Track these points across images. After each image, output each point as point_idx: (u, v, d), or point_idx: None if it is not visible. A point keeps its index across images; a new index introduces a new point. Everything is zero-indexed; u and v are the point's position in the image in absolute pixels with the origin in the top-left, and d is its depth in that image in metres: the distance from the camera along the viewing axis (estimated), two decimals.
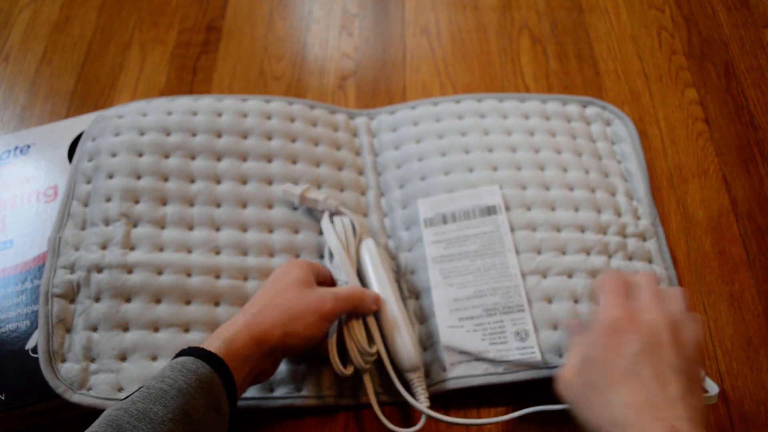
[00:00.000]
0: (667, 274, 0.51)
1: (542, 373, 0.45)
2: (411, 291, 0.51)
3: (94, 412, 0.47)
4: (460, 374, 0.46)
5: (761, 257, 0.53)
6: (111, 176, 0.52)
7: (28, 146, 0.56)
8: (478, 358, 0.46)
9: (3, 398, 0.43)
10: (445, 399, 0.47)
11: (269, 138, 0.56)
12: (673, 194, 0.57)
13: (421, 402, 0.44)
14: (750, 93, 0.62)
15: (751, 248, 0.54)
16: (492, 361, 0.46)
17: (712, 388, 0.45)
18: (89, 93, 0.63)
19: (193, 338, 0.47)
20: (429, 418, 0.44)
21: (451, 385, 0.46)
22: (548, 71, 0.65)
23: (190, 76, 0.65)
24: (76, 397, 0.43)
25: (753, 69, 0.64)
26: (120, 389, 0.44)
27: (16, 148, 0.56)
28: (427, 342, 0.48)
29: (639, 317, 0.38)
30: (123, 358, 0.45)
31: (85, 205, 0.52)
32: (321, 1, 0.71)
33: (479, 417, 0.47)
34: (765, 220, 0.55)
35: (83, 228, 0.50)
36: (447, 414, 0.44)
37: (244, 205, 0.53)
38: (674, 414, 0.34)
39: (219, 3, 0.70)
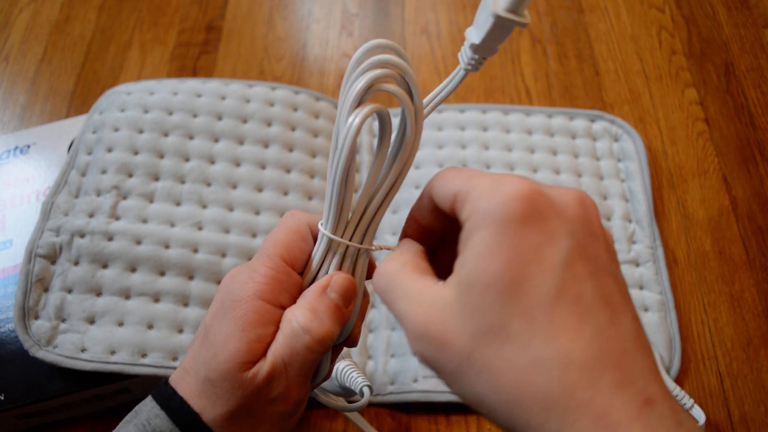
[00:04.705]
0: (661, 299, 0.50)
1: None
2: None
3: (93, 414, 0.48)
4: (429, 388, 0.47)
5: (761, 257, 0.53)
6: (110, 150, 0.53)
7: (28, 146, 0.56)
8: None
9: (3, 398, 0.43)
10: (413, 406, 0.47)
11: (269, 124, 0.56)
12: (673, 194, 0.57)
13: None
14: (750, 93, 0.62)
15: (751, 248, 0.54)
16: None
17: (700, 417, 0.44)
18: (89, 93, 0.63)
19: (162, 308, 0.47)
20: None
21: (418, 397, 0.47)
22: (548, 71, 0.65)
23: (190, 76, 0.65)
24: (41, 353, 0.44)
25: (753, 69, 0.64)
26: (83, 350, 0.45)
27: (16, 148, 0.56)
28: (398, 351, 0.48)
29: (552, 191, 0.22)
30: (91, 321, 0.46)
31: (83, 175, 0.52)
32: (321, 1, 0.71)
33: (448, 425, 0.47)
34: (765, 220, 0.55)
35: (76, 196, 0.51)
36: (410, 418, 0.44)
37: (235, 186, 0.53)
38: (638, 369, 0.20)
39: (219, 3, 0.70)
